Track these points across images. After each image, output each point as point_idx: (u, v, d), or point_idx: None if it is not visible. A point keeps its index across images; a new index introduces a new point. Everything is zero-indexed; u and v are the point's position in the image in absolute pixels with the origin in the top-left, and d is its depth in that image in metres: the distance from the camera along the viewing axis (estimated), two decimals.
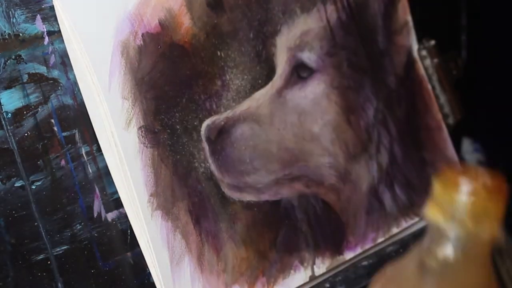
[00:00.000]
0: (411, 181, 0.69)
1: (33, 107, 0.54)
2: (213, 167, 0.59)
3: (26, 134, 0.53)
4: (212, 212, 0.58)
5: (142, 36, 0.57)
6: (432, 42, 0.74)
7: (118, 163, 0.55)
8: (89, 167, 0.56)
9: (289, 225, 0.62)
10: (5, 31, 0.53)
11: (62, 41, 0.55)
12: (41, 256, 0.53)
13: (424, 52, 0.74)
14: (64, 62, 0.55)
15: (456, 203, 0.38)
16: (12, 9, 0.54)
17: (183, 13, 0.59)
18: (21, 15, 0.54)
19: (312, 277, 0.63)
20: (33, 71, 0.54)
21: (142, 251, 0.56)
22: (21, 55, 0.54)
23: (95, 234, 0.55)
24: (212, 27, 0.60)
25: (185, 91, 0.58)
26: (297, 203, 0.63)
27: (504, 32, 0.82)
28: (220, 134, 0.59)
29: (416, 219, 0.70)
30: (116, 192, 0.56)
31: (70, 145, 0.55)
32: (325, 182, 0.64)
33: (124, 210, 0.56)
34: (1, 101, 0.53)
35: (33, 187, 0.53)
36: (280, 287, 0.61)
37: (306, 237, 0.63)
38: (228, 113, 0.60)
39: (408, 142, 0.70)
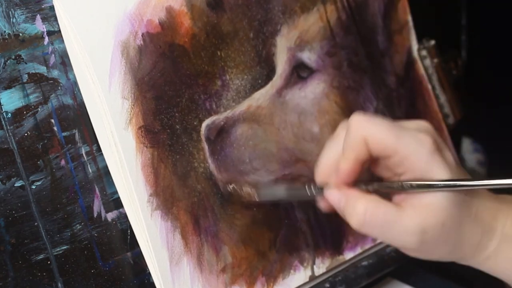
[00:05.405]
0: None
1: (33, 107, 0.54)
2: (212, 167, 0.59)
3: (26, 134, 0.53)
4: (211, 212, 0.58)
5: (142, 36, 0.57)
6: (432, 42, 0.74)
7: (118, 163, 0.55)
8: (89, 167, 0.56)
9: (289, 225, 0.62)
10: (5, 31, 0.53)
11: (62, 41, 0.55)
12: (41, 256, 0.53)
13: (424, 52, 0.74)
14: (64, 62, 0.55)
15: None
16: (12, 9, 0.54)
17: (183, 13, 0.59)
18: (21, 15, 0.54)
19: (312, 277, 0.63)
20: (33, 71, 0.54)
21: (142, 251, 0.56)
22: (21, 55, 0.54)
23: (95, 234, 0.55)
24: (212, 27, 0.60)
25: (185, 91, 0.58)
26: (297, 203, 0.63)
27: (504, 32, 0.82)
28: (220, 134, 0.59)
29: None
30: (116, 192, 0.56)
31: (70, 145, 0.55)
32: None
33: (124, 210, 0.56)
34: (1, 101, 0.53)
35: (33, 187, 0.53)
36: (280, 287, 0.61)
37: (306, 237, 0.63)
38: (228, 113, 0.60)
39: None
